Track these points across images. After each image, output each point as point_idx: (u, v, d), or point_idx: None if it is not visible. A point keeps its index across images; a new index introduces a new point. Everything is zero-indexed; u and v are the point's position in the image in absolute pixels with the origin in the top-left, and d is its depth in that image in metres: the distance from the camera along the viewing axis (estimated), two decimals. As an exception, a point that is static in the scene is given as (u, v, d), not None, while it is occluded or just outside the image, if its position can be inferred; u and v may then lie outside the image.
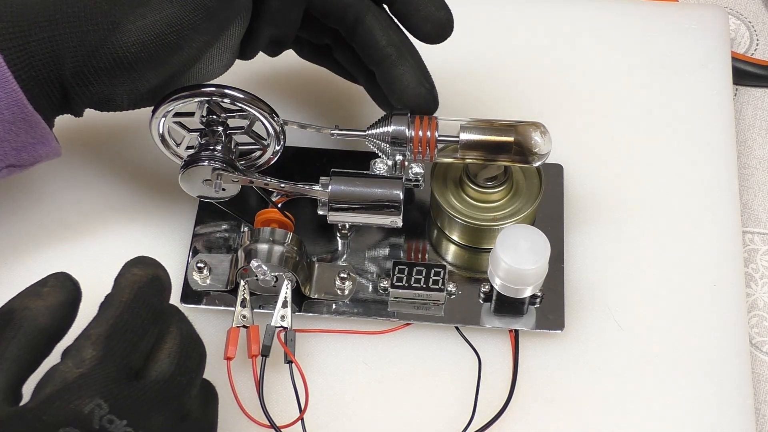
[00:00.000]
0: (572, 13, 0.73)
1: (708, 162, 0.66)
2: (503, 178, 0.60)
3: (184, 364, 0.47)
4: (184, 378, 0.47)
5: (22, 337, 0.46)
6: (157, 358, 0.47)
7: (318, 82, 0.68)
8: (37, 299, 0.47)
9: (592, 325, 0.60)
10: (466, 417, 0.56)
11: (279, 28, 0.58)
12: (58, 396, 0.43)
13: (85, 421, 0.43)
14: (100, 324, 0.46)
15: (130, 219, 0.63)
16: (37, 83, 0.53)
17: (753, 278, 0.64)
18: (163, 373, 0.46)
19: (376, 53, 0.58)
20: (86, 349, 0.45)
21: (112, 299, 0.47)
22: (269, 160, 0.60)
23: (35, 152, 0.55)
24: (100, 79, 0.53)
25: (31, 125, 0.53)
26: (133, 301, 0.47)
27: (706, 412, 0.57)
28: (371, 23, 0.58)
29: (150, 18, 0.52)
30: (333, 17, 0.58)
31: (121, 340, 0.46)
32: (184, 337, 0.48)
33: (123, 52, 0.52)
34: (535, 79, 0.70)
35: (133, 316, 0.47)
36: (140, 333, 0.47)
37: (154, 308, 0.48)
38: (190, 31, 0.53)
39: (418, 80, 0.58)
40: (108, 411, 0.43)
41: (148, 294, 0.48)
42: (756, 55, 0.74)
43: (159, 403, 0.45)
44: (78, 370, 0.44)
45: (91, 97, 0.54)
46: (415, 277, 0.59)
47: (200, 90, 0.56)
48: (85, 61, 0.52)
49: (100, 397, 0.43)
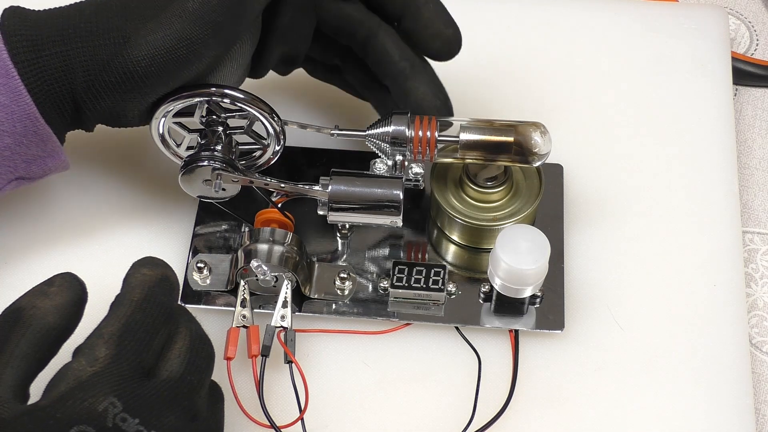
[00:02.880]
0: (572, 13, 0.73)
1: (708, 162, 0.66)
2: (503, 178, 0.60)
3: (194, 364, 0.47)
4: (194, 377, 0.47)
5: (32, 336, 0.46)
6: (167, 357, 0.47)
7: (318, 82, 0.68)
8: (45, 298, 0.47)
9: (592, 325, 0.60)
10: (466, 417, 0.56)
11: (290, 45, 0.58)
12: (72, 394, 0.44)
13: (99, 419, 0.43)
14: (112, 323, 0.47)
15: (130, 219, 0.63)
16: (49, 97, 0.53)
17: (753, 278, 0.64)
18: (174, 372, 0.46)
19: (390, 68, 0.59)
20: (99, 347, 0.45)
21: (123, 298, 0.48)
22: (269, 160, 0.60)
23: (45, 165, 0.55)
24: (111, 93, 0.54)
25: (42, 139, 0.54)
26: (144, 300, 0.47)
27: (706, 411, 0.57)
28: (384, 39, 0.58)
29: (160, 33, 0.52)
30: (345, 34, 0.59)
31: (134, 339, 0.46)
32: (193, 337, 0.48)
33: (134, 66, 0.53)
34: (535, 79, 0.70)
35: (145, 315, 0.47)
36: (152, 332, 0.47)
37: (165, 308, 0.48)
38: (199, 45, 0.53)
39: (433, 93, 0.59)
40: (121, 409, 0.44)
41: (158, 294, 0.48)
42: (756, 55, 0.74)
43: (170, 402, 0.45)
44: (91, 368, 0.45)
45: (102, 112, 0.55)
46: (415, 277, 0.59)
47: (200, 90, 0.56)
48: (97, 75, 0.53)
49: (114, 395, 0.44)
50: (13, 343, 0.45)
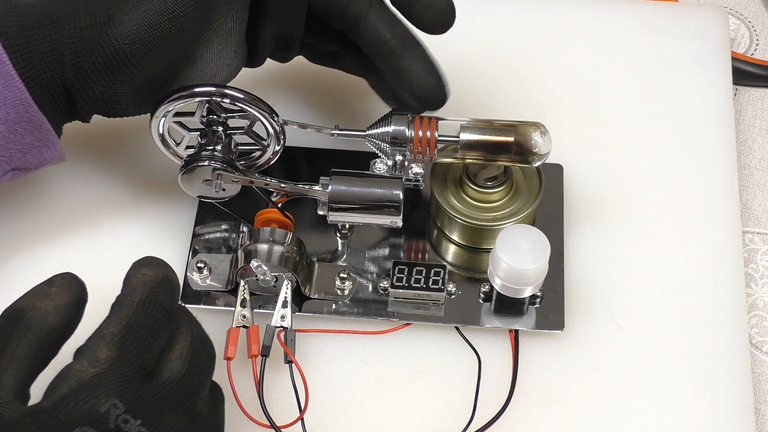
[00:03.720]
0: (572, 13, 0.73)
1: (708, 162, 0.66)
2: (503, 178, 0.60)
3: (195, 365, 0.47)
4: (195, 378, 0.47)
5: (32, 337, 0.46)
6: (169, 358, 0.47)
7: (318, 82, 0.68)
8: (45, 299, 0.47)
9: (592, 325, 0.59)
10: (466, 417, 0.56)
11: (281, 26, 0.58)
12: (74, 395, 0.44)
13: (101, 420, 0.43)
14: (114, 324, 0.46)
15: (130, 219, 0.63)
16: (41, 82, 0.53)
17: (753, 278, 0.64)
18: (175, 373, 0.46)
19: (381, 47, 0.58)
20: (101, 348, 0.45)
21: (125, 299, 0.48)
22: (269, 160, 0.60)
23: (40, 155, 0.55)
24: (100, 75, 0.53)
25: (36, 126, 0.53)
26: (145, 301, 0.47)
27: (706, 411, 0.57)
28: (373, 18, 0.58)
29: (142, 8, 0.52)
30: (335, 16, 0.58)
31: (136, 340, 0.46)
32: (194, 338, 0.48)
33: (119, 44, 0.53)
34: (535, 79, 0.70)
35: (146, 316, 0.47)
36: (154, 333, 0.47)
37: (166, 308, 0.48)
38: (182, 19, 0.53)
39: (426, 70, 0.58)
40: (124, 410, 0.43)
41: (159, 294, 0.48)
42: (756, 55, 0.74)
43: (172, 403, 0.45)
44: (93, 369, 0.44)
45: (94, 98, 0.55)
46: (415, 277, 0.59)
47: (200, 90, 0.56)
48: (84, 57, 0.53)
49: (116, 396, 0.44)
50: (13, 344, 0.45)
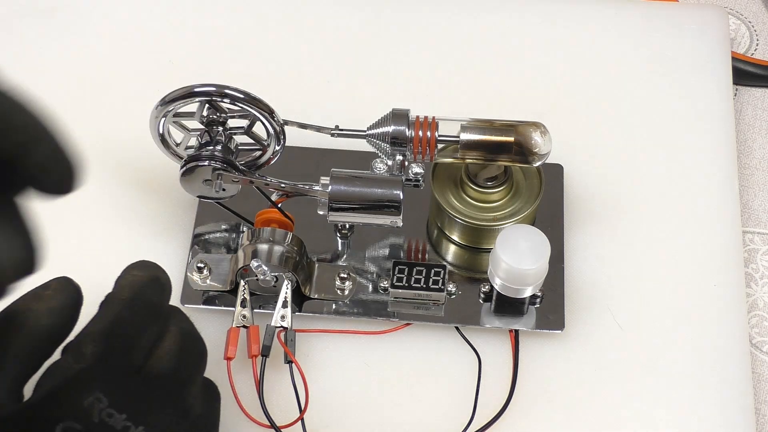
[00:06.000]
0: (572, 13, 0.73)
1: (708, 162, 0.66)
2: (503, 178, 0.60)
3: (183, 360, 0.48)
4: (184, 373, 0.47)
5: (25, 339, 0.46)
6: (156, 354, 0.47)
7: (318, 82, 0.68)
8: (40, 301, 0.47)
9: (592, 325, 0.59)
10: (466, 417, 0.56)
11: None
12: (58, 391, 0.44)
13: (84, 415, 0.43)
14: (100, 321, 0.47)
15: (130, 219, 0.63)
16: None
17: (753, 278, 0.64)
18: (162, 368, 0.47)
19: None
20: (86, 345, 0.46)
21: (113, 298, 0.48)
22: (269, 160, 0.60)
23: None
24: None
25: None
26: (132, 299, 0.48)
27: (706, 412, 0.57)
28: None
29: None
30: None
31: (121, 336, 0.46)
32: (184, 335, 0.48)
33: None
34: (535, 79, 0.70)
35: (133, 313, 0.47)
36: (140, 330, 0.47)
37: (154, 307, 0.48)
38: None
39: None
40: (107, 405, 0.44)
41: (147, 293, 0.48)
42: (756, 55, 0.74)
43: (160, 398, 0.46)
44: (78, 365, 0.45)
45: None
46: (415, 277, 0.59)
47: (200, 90, 0.56)
48: None
49: (100, 391, 0.44)
50: (6, 345, 0.45)
